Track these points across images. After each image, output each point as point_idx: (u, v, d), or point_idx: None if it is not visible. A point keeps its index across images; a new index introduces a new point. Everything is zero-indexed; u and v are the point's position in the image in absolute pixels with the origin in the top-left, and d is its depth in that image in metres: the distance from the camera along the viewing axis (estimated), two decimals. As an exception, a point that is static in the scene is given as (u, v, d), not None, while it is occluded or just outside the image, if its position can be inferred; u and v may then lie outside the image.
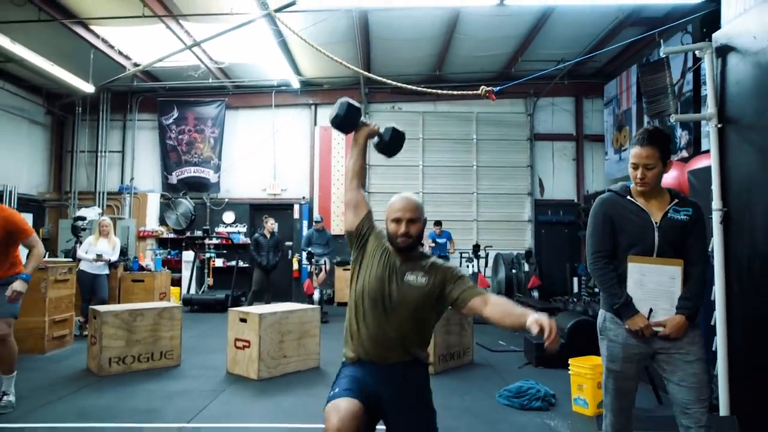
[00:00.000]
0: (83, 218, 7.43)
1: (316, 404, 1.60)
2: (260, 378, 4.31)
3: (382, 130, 2.30)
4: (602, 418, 2.49)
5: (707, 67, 3.28)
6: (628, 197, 2.30)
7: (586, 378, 3.50)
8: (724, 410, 3.14)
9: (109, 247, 6.51)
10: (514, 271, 9.04)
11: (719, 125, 3.20)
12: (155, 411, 3.52)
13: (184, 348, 5.01)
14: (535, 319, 1.75)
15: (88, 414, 3.45)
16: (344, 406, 1.77)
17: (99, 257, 6.30)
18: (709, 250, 3.31)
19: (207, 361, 4.96)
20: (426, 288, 2.00)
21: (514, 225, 10.43)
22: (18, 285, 3.48)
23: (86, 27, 7.53)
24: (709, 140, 3.27)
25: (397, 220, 2.04)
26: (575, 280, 9.72)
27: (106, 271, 6.53)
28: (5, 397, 3.54)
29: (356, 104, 2.23)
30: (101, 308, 4.67)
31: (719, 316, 3.16)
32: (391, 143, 2.30)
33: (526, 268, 8.81)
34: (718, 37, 3.30)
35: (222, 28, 7.10)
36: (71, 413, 3.46)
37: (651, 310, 2.18)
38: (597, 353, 3.79)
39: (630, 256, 2.21)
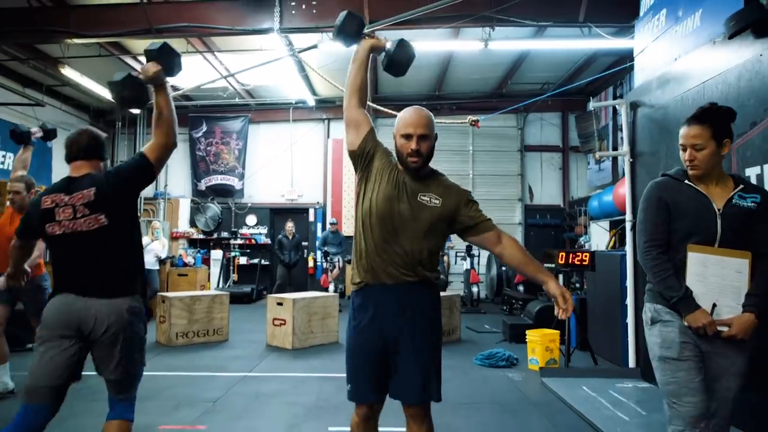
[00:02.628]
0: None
1: (337, 365, 1.93)
2: (294, 348, 5.58)
3: (388, 45, 2.10)
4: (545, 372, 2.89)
5: (623, 117, 4.52)
6: (686, 181, 2.05)
7: (536, 343, 4.74)
8: (632, 361, 4.39)
9: (159, 246, 7.82)
10: (503, 268, 10.25)
11: (631, 160, 4.44)
12: (222, 366, 4.80)
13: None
14: (559, 290, 1.80)
15: (174, 367, 4.74)
16: (365, 410, 1.97)
17: (155, 236, 7.65)
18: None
19: (249, 337, 6.24)
20: (439, 209, 1.92)
21: (506, 227, 11.47)
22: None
23: (135, 58, 8.83)
24: (625, 170, 4.50)
25: (407, 136, 1.90)
26: (561, 276, 10.92)
27: (157, 267, 7.84)
28: None
29: (359, 14, 2.11)
30: (169, 294, 5.97)
31: (630, 296, 4.42)
32: (397, 56, 2.09)
33: (514, 265, 10.01)
34: (631, 95, 4.55)
35: (250, 58, 8.37)
36: (161, 367, 4.75)
37: (714, 305, 1.93)
38: (550, 327, 5.03)
39: (690, 245, 1.96)
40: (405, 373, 1.89)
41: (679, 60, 3.85)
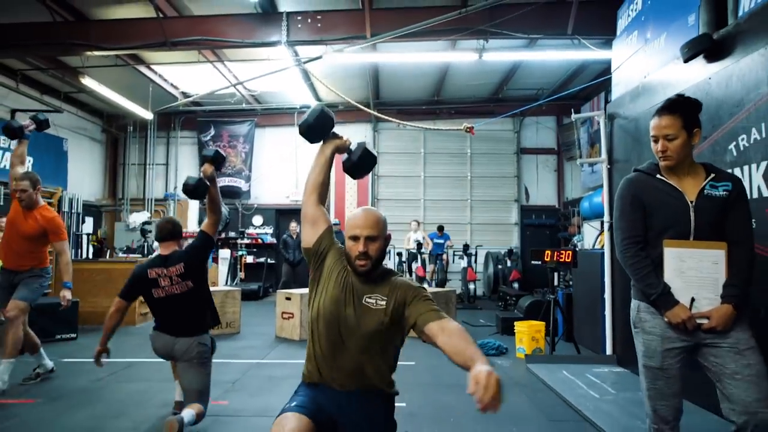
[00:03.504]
0: (149, 223, 9.22)
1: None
2: (301, 339, 6.02)
3: (353, 147, 2.09)
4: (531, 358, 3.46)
5: (602, 127, 4.95)
6: (658, 176, 2.07)
7: (524, 334, 5.18)
8: (609, 349, 4.83)
9: (173, 246, 8.29)
10: (500, 266, 10.70)
11: (609, 166, 4.88)
12: (236, 354, 5.26)
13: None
14: (474, 375, 1.39)
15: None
16: (291, 424, 1.67)
17: None
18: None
19: (258, 330, 6.69)
20: (385, 312, 1.80)
21: (502, 227, 12.08)
22: (68, 294, 3.98)
23: (149, 67, 9.30)
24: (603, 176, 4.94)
25: (355, 238, 1.82)
26: (555, 274, 11.36)
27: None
28: None
29: (330, 113, 2.05)
30: (185, 289, 6.43)
31: (607, 291, 4.86)
32: (360, 163, 2.08)
33: (509, 264, 10.47)
34: (609, 107, 4.98)
35: (257, 66, 8.83)
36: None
37: (693, 299, 1.94)
38: (537, 319, 5.47)
39: (666, 240, 1.97)
40: None
41: (647, 77, 4.28)
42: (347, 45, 7.19)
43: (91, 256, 10.81)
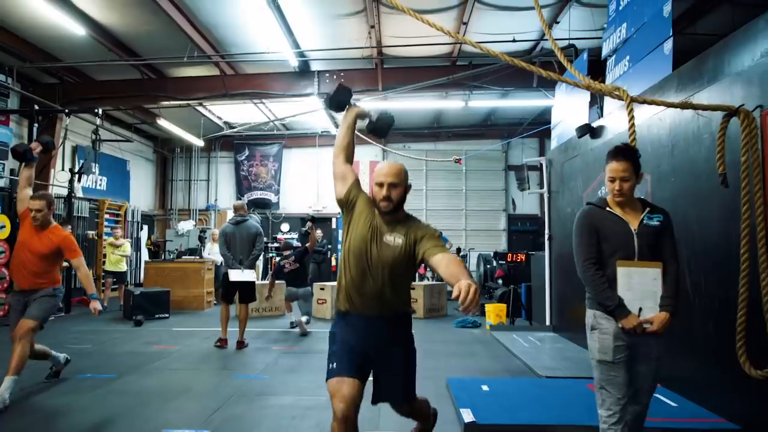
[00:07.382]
0: (205, 231, 11.47)
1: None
2: (332, 318, 8.19)
3: (372, 113, 2.44)
4: (498, 329, 5.88)
5: (544, 168, 7.10)
6: (607, 208, 2.44)
7: (491, 312, 7.36)
8: (548, 321, 6.98)
9: (226, 249, 10.52)
10: (488, 266, 12.85)
11: (548, 195, 7.04)
12: (287, 331, 7.47)
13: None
14: (458, 285, 1.77)
15: (260, 327, 7.40)
16: (346, 391, 2.07)
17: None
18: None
19: (297, 313, 8.90)
20: (400, 249, 2.15)
21: (493, 233, 14.19)
22: (97, 304, 3.90)
23: (204, 106, 11.54)
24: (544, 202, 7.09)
25: (380, 184, 2.20)
26: (537, 273, 13.49)
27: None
28: None
29: (348, 88, 2.41)
30: (246, 282, 8.67)
31: (547, 279, 7.01)
32: (380, 124, 2.46)
33: (495, 264, 12.61)
34: (548, 155, 7.14)
35: (290, 105, 11.03)
36: (253, 326, 7.40)
37: (640, 309, 2.32)
38: (503, 302, 7.64)
39: (618, 261, 2.34)
40: (388, 387, 2.29)
41: (567, 140, 6.44)
42: (364, 95, 9.39)
43: (147, 258, 13.06)
